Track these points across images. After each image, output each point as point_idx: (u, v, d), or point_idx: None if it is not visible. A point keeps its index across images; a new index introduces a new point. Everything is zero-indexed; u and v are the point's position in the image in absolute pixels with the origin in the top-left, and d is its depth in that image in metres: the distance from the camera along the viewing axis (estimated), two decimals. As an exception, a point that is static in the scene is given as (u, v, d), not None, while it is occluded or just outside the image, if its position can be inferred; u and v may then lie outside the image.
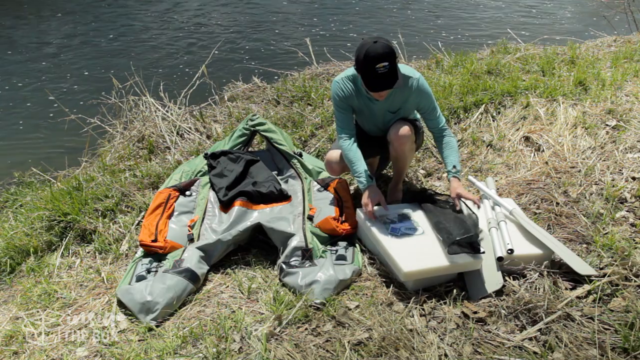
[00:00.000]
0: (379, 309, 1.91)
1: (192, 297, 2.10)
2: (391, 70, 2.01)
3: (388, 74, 2.01)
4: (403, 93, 2.28)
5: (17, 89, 6.01)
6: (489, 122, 3.33)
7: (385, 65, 1.98)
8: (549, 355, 1.65)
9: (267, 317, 1.91)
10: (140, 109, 3.86)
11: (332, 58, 4.81)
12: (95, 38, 7.66)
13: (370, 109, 2.37)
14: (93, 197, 2.85)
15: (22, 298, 2.26)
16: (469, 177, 2.71)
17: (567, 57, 4.19)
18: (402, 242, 2.12)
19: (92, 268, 2.43)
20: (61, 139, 4.60)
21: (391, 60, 2.00)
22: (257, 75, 4.52)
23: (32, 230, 2.69)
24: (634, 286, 1.90)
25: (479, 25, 7.76)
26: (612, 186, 2.51)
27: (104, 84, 5.00)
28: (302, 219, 2.44)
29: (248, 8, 8.90)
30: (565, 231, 2.30)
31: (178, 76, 5.80)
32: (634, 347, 1.62)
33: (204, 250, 2.28)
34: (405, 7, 8.71)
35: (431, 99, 2.31)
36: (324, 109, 3.65)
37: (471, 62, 4.08)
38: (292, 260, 2.20)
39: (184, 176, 2.78)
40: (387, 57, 1.99)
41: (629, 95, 3.38)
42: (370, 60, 1.99)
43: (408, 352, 1.69)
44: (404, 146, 2.37)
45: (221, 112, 3.88)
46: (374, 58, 1.98)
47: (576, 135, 3.03)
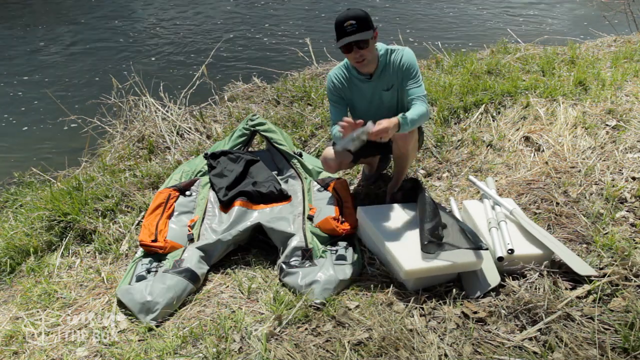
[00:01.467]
0: (379, 309, 1.91)
1: (192, 297, 2.10)
2: (359, 29, 2.10)
3: (356, 31, 2.10)
4: (391, 67, 2.31)
5: (17, 89, 6.01)
6: (489, 122, 3.33)
7: (353, 23, 2.09)
8: (549, 355, 1.65)
9: (267, 317, 1.91)
10: (140, 109, 3.86)
11: (332, 58, 4.82)
12: (95, 38, 7.66)
13: (363, 92, 2.38)
14: (93, 197, 2.85)
15: (22, 298, 2.26)
16: (469, 177, 2.71)
17: (567, 57, 4.19)
18: (404, 241, 2.12)
19: (92, 268, 2.43)
20: (61, 139, 4.61)
21: (359, 20, 2.10)
22: (257, 75, 4.52)
23: (32, 230, 2.69)
24: (634, 286, 1.90)
25: (479, 25, 7.77)
26: (612, 186, 2.51)
27: (104, 84, 5.00)
28: (302, 219, 2.44)
29: (248, 8, 8.90)
30: (565, 231, 2.30)
31: (178, 76, 5.80)
32: (634, 347, 1.62)
33: (204, 250, 2.28)
34: (405, 7, 8.71)
35: (414, 66, 2.30)
36: (324, 109, 3.65)
37: (471, 62, 4.08)
38: (292, 260, 2.20)
39: (184, 176, 2.79)
40: (354, 18, 2.10)
41: (629, 95, 3.38)
42: (340, 20, 2.12)
43: (408, 352, 1.68)
44: (408, 144, 2.38)
45: (221, 112, 3.89)
46: (343, 18, 2.12)
47: (576, 135, 3.03)
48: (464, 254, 1.99)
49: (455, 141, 3.22)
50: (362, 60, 2.21)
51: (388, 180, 2.84)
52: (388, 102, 2.41)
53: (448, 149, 3.17)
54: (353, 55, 2.19)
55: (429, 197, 2.24)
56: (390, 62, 2.31)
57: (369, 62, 2.24)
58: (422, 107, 2.26)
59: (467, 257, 1.99)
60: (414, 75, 2.30)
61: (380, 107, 2.43)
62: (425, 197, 2.22)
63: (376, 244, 2.25)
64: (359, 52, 2.17)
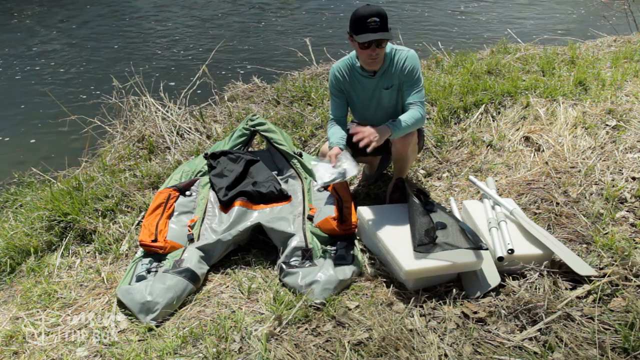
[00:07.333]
0: (379, 309, 1.91)
1: (192, 297, 2.10)
2: (381, 27, 2.10)
3: (379, 29, 2.10)
4: (394, 67, 2.31)
5: (17, 89, 6.01)
6: (489, 122, 3.33)
7: (377, 21, 2.08)
8: (549, 355, 1.65)
9: (267, 317, 1.91)
10: (140, 109, 3.86)
11: (332, 58, 4.81)
12: (95, 38, 7.66)
13: (364, 88, 2.39)
14: (93, 197, 2.85)
15: (22, 298, 2.26)
16: (469, 177, 2.71)
17: (567, 57, 4.19)
18: (404, 241, 2.11)
19: (92, 268, 2.43)
20: (61, 139, 4.61)
21: (382, 19, 2.10)
22: (257, 75, 4.52)
23: (32, 230, 2.69)
24: (634, 286, 1.90)
25: (479, 25, 7.76)
26: (612, 186, 2.51)
27: (104, 84, 5.01)
28: (302, 219, 2.44)
29: (248, 8, 8.90)
30: (565, 231, 2.30)
31: (178, 76, 5.80)
32: (634, 347, 1.62)
33: (204, 250, 2.28)
34: (405, 7, 8.71)
35: (416, 70, 2.31)
36: (324, 109, 3.65)
37: (471, 62, 4.08)
38: (292, 260, 2.20)
39: (184, 176, 2.78)
40: (378, 15, 2.09)
41: (629, 95, 3.38)
42: (363, 15, 2.10)
43: (408, 352, 1.68)
44: (407, 147, 2.38)
45: (221, 112, 3.89)
46: (368, 14, 2.09)
47: (576, 135, 3.03)
48: (464, 254, 1.99)
49: (455, 141, 3.22)
50: (375, 58, 2.21)
51: (388, 180, 2.84)
52: (387, 101, 2.41)
53: (448, 149, 3.17)
54: (369, 52, 2.19)
55: (417, 199, 2.25)
56: (394, 62, 2.31)
57: (379, 60, 2.26)
58: (417, 112, 2.28)
59: (467, 257, 1.99)
60: (415, 79, 2.31)
61: (379, 105, 2.43)
62: (413, 200, 2.24)
63: (376, 244, 2.25)
64: (376, 51, 2.18)
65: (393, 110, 2.43)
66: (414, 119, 2.25)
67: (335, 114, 2.45)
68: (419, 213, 2.16)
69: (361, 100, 2.44)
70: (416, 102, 2.30)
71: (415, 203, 2.23)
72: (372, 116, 2.47)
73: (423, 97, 2.33)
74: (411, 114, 2.26)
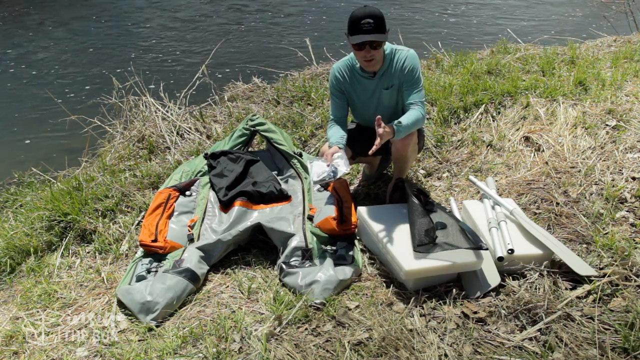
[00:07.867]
0: (379, 309, 1.91)
1: (192, 297, 2.10)
2: (375, 29, 2.11)
3: (372, 31, 2.11)
4: (394, 67, 2.31)
5: (17, 89, 6.01)
6: (489, 122, 3.33)
7: (370, 22, 2.09)
8: (549, 355, 1.65)
9: (267, 317, 1.91)
10: (140, 109, 3.86)
11: (332, 58, 4.81)
12: (95, 38, 7.66)
13: (364, 88, 2.39)
14: (93, 197, 2.85)
15: (22, 298, 2.26)
16: (469, 177, 2.71)
17: (567, 57, 4.19)
18: (404, 241, 2.12)
19: (92, 268, 2.43)
20: (61, 139, 4.61)
21: (376, 20, 2.10)
22: (257, 75, 4.52)
23: (32, 230, 2.69)
24: (634, 286, 1.90)
25: (479, 25, 7.76)
26: (612, 186, 2.51)
27: (104, 84, 5.01)
28: (302, 219, 2.44)
29: (248, 8, 8.90)
30: (565, 231, 2.30)
31: (178, 76, 5.80)
32: (634, 347, 1.62)
33: (204, 250, 2.28)
34: (405, 7, 8.71)
35: (416, 70, 2.31)
36: (324, 109, 3.65)
37: (471, 62, 4.08)
38: (292, 260, 2.20)
39: (184, 176, 2.78)
40: (372, 16, 2.09)
41: (629, 95, 3.38)
42: (357, 16, 2.11)
43: (408, 352, 1.68)
44: (407, 147, 2.38)
45: (221, 112, 3.89)
46: (361, 15, 2.11)
47: (576, 135, 3.03)
48: (464, 254, 1.99)
49: (455, 141, 3.22)
50: (371, 60, 2.21)
51: (388, 180, 2.84)
52: (387, 101, 2.41)
53: (448, 149, 3.17)
54: (363, 54, 2.19)
55: (417, 200, 2.26)
56: (394, 62, 2.31)
57: (377, 62, 2.25)
58: (418, 112, 2.28)
59: (467, 257, 1.99)
60: (415, 79, 2.31)
61: (379, 105, 2.43)
62: (413, 201, 2.24)
63: (376, 244, 2.25)
64: (370, 52, 2.17)
65: (393, 110, 2.43)
66: (414, 119, 2.25)
67: (335, 115, 2.45)
68: (419, 213, 2.16)
69: (361, 100, 2.44)
70: (416, 102, 2.30)
71: (415, 203, 2.23)
72: (372, 116, 2.46)
73: (423, 97, 2.33)
74: (411, 114, 2.26)
